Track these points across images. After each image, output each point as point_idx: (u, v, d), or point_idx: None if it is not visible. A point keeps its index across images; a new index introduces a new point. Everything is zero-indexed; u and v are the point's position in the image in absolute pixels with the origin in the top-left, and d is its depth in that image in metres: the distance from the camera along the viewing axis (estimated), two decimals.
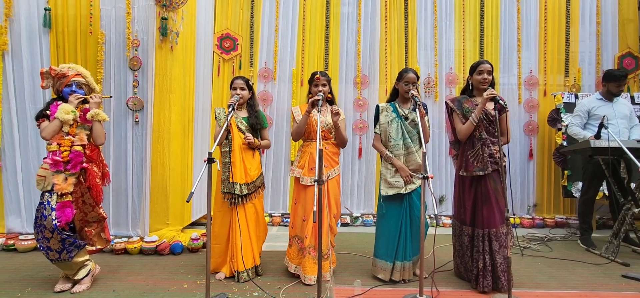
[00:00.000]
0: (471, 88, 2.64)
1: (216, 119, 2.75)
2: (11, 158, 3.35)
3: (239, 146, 2.63)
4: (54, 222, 2.20)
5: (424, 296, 2.14)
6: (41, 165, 2.32)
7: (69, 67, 2.43)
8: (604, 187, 3.69)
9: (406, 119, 2.60)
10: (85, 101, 2.40)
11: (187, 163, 3.75)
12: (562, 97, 4.25)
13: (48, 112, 2.34)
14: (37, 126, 2.36)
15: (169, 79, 3.47)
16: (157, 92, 3.43)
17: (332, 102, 2.77)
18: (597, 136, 3.18)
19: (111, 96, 3.02)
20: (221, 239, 2.69)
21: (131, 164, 3.45)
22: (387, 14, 4.53)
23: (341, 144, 2.75)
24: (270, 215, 4.31)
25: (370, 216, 4.39)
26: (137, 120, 3.44)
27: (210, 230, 2.16)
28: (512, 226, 2.37)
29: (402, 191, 2.52)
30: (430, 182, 2.00)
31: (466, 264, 2.59)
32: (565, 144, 4.08)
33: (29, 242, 3.14)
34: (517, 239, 3.55)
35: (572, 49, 4.58)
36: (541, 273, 2.83)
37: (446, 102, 2.70)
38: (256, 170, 2.71)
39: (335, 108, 2.56)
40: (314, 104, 2.48)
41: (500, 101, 2.34)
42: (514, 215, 4.37)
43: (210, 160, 1.96)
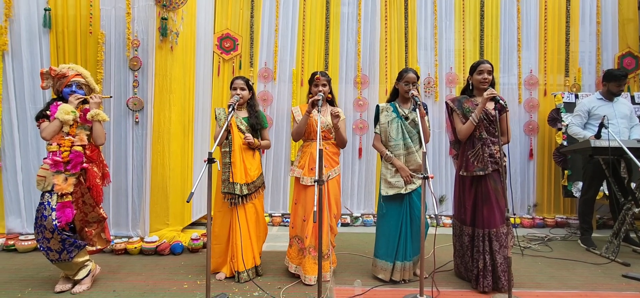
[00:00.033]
0: (471, 88, 2.64)
1: (216, 119, 2.75)
2: (11, 159, 3.35)
3: (239, 146, 2.63)
4: (54, 223, 2.20)
5: (424, 296, 2.14)
6: (41, 165, 2.32)
7: (68, 68, 2.43)
8: (604, 186, 3.69)
9: (406, 118, 2.60)
10: (85, 101, 2.40)
11: (187, 164, 3.75)
12: (562, 97, 4.25)
13: (48, 112, 2.34)
14: (37, 126, 2.36)
15: (169, 79, 3.47)
16: (157, 92, 3.43)
17: (332, 102, 2.77)
18: (598, 136, 3.18)
19: (111, 96, 3.02)
20: (221, 239, 2.69)
21: (131, 164, 3.45)
22: (387, 14, 4.53)
23: (341, 144, 2.75)
24: (271, 215, 4.31)
25: (370, 216, 4.39)
26: (137, 120, 3.44)
27: (211, 230, 2.15)
28: (512, 226, 2.37)
29: (403, 191, 2.52)
30: (431, 182, 2.00)
31: (466, 264, 2.59)
32: (565, 143, 4.08)
33: (29, 243, 3.14)
34: (518, 239, 3.55)
35: (572, 48, 4.58)
36: (541, 273, 2.83)
37: (446, 102, 2.69)
38: (256, 170, 2.71)
39: (335, 110, 2.54)
40: (314, 104, 2.47)
41: (501, 101, 2.34)
42: (514, 215, 4.37)
43: (211, 161, 1.96)
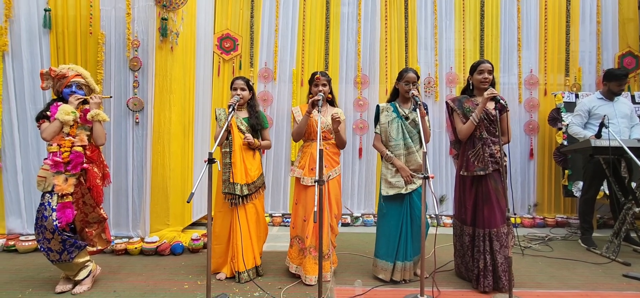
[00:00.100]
0: (472, 88, 2.64)
1: (217, 119, 2.75)
2: (11, 159, 3.35)
3: (239, 146, 2.63)
4: (54, 223, 2.20)
5: (425, 296, 2.14)
6: (41, 166, 2.32)
7: (68, 68, 2.42)
8: (604, 186, 3.68)
9: (407, 118, 2.60)
10: (86, 102, 2.40)
11: (187, 164, 3.75)
12: (563, 97, 4.25)
13: (48, 113, 2.34)
14: (38, 127, 2.36)
15: (169, 79, 3.47)
16: (157, 93, 3.43)
17: (332, 102, 2.77)
18: (598, 135, 3.18)
19: (111, 96, 3.02)
20: (222, 239, 2.69)
21: (131, 165, 3.45)
22: (387, 13, 4.52)
23: (340, 146, 2.75)
24: (271, 216, 4.31)
25: (370, 216, 4.39)
26: (137, 120, 3.44)
27: (211, 230, 2.15)
28: (512, 226, 2.37)
29: (403, 191, 2.52)
30: (431, 182, 2.00)
31: (467, 264, 2.59)
32: (565, 143, 4.08)
33: (30, 243, 3.13)
34: (518, 239, 3.55)
35: (573, 48, 4.58)
36: (542, 273, 2.83)
37: (447, 102, 2.69)
38: (257, 170, 2.71)
39: (336, 115, 2.53)
40: (314, 104, 2.47)
41: (501, 101, 2.34)
42: (514, 215, 4.37)
43: (211, 161, 1.96)
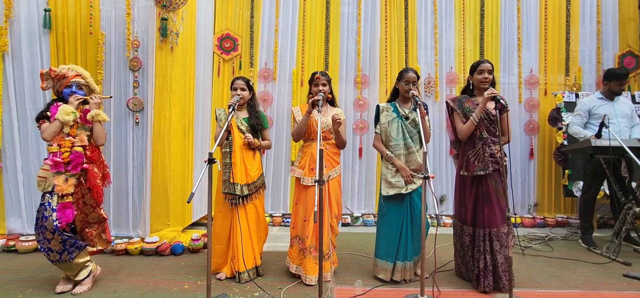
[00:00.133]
0: (472, 87, 2.64)
1: (217, 119, 2.75)
2: (12, 160, 3.35)
3: (239, 147, 2.63)
4: (54, 223, 2.20)
5: (425, 296, 2.14)
6: (42, 166, 2.31)
7: (68, 68, 2.42)
8: (605, 186, 3.68)
9: (407, 118, 2.60)
10: (86, 102, 2.40)
11: (187, 164, 3.75)
12: (563, 96, 4.24)
13: (48, 113, 2.34)
14: (38, 127, 2.36)
15: (169, 79, 3.47)
16: (157, 93, 3.43)
17: (332, 102, 2.77)
18: (598, 135, 3.18)
19: (111, 97, 3.02)
20: (222, 240, 2.69)
21: (132, 165, 3.45)
22: (387, 13, 4.52)
23: (341, 146, 2.75)
24: (271, 216, 4.31)
25: (371, 216, 4.39)
26: (137, 120, 3.44)
27: (211, 230, 2.15)
28: (513, 226, 2.37)
29: (403, 191, 2.52)
30: (431, 182, 2.00)
31: (467, 264, 2.59)
32: (566, 143, 4.08)
33: (30, 243, 3.13)
34: (518, 239, 3.55)
35: (573, 48, 4.58)
36: (542, 273, 2.83)
37: (447, 102, 2.69)
38: (257, 170, 2.71)
39: (336, 116, 2.52)
40: (314, 104, 2.47)
41: (501, 101, 2.34)
42: (515, 215, 4.35)
43: (211, 161, 1.96)
